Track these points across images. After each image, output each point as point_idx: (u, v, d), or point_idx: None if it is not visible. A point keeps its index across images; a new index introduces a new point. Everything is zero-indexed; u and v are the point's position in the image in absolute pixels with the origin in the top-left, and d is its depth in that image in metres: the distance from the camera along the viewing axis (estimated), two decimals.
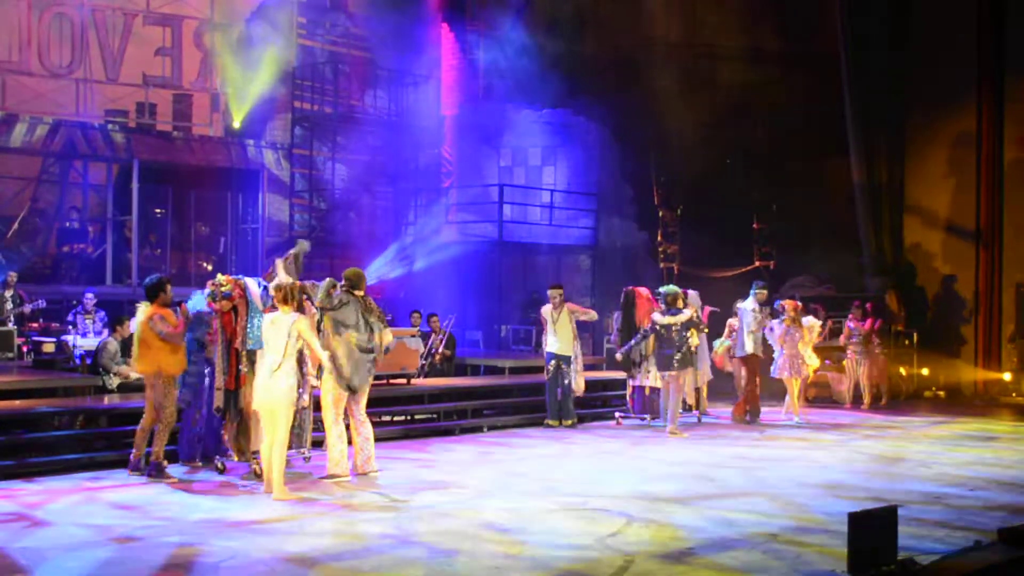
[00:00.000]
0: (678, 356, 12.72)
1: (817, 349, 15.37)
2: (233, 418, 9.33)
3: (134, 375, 11.24)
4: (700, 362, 13.60)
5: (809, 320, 14.64)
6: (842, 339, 16.11)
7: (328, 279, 9.50)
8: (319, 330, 9.83)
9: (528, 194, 21.03)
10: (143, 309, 9.13)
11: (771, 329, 14.00)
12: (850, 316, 16.18)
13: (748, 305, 13.85)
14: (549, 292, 13.41)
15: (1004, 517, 7.79)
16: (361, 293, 9.48)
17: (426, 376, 14.28)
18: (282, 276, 9.00)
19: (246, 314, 9.33)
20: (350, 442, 9.48)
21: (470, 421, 13.04)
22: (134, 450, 9.12)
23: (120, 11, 18.46)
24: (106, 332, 13.92)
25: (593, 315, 13.63)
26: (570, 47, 20.66)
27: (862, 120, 18.86)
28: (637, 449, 11.54)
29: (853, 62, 18.82)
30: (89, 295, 14.27)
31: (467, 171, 21.97)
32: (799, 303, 14.57)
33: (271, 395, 8.39)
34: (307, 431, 10.14)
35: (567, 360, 13.05)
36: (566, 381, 13.04)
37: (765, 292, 14.06)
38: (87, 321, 13.92)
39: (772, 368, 14.19)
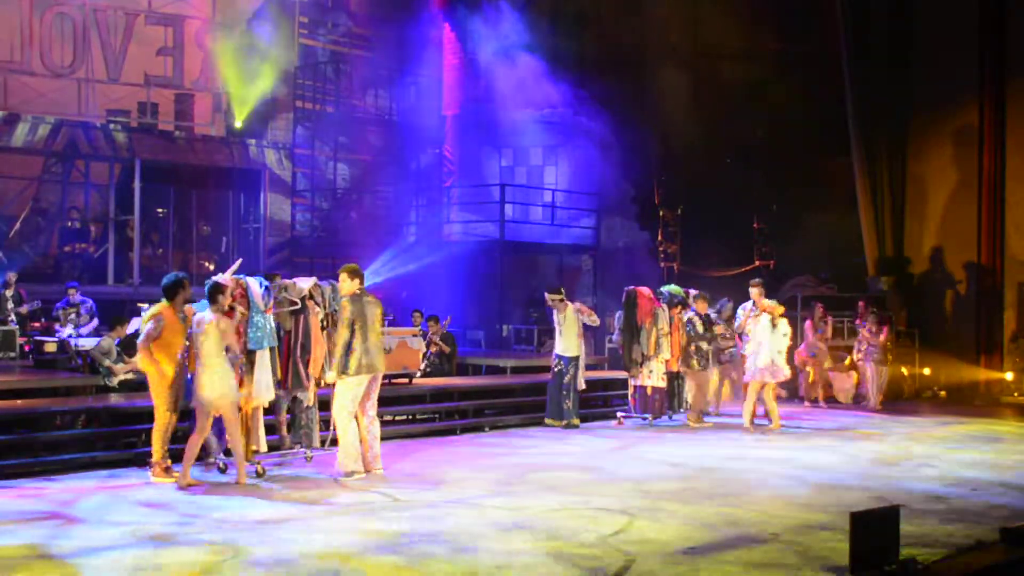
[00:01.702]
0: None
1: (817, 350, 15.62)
2: None
3: (130, 374, 11.27)
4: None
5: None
6: (862, 344, 15.93)
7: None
8: (322, 328, 9.86)
9: (529, 194, 21.05)
10: (154, 307, 9.14)
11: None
12: (862, 321, 16.05)
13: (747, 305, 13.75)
14: (546, 296, 13.45)
15: (1006, 517, 7.79)
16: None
17: (427, 376, 14.28)
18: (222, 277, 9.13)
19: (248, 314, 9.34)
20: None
21: (471, 421, 13.04)
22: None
23: (122, 11, 18.48)
24: (93, 322, 13.91)
25: (595, 320, 13.59)
26: (571, 47, 20.68)
27: (863, 119, 18.85)
28: (639, 448, 11.55)
29: (854, 61, 18.81)
30: (72, 289, 14.19)
31: (468, 170, 22.00)
32: (770, 304, 13.29)
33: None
34: (314, 431, 10.16)
35: (567, 360, 13.05)
36: (565, 380, 13.04)
37: (753, 289, 13.41)
38: (71, 314, 13.84)
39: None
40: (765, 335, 12.98)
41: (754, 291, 13.38)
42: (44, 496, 8.28)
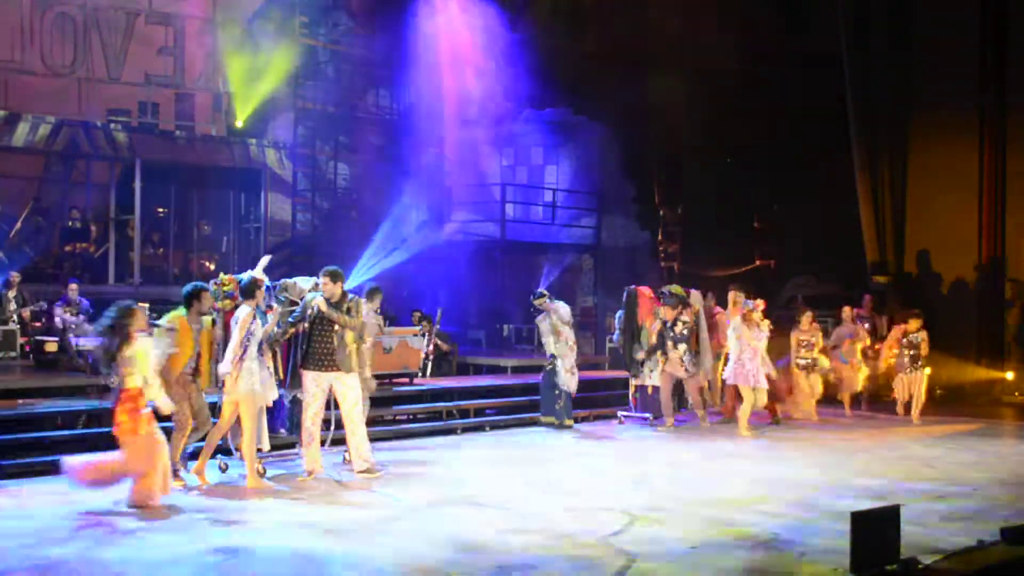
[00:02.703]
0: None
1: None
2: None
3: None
4: (706, 362, 13.71)
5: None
6: (893, 350, 14.60)
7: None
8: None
9: (530, 193, 21.06)
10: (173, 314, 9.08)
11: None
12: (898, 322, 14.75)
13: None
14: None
15: (1007, 516, 7.80)
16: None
17: (427, 375, 14.28)
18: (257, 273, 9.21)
19: None
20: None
21: (472, 420, 13.04)
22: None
23: (122, 10, 18.46)
24: (82, 318, 13.87)
25: (566, 315, 13.44)
26: (572, 45, 20.67)
27: (864, 119, 18.83)
28: (639, 448, 11.55)
29: (855, 61, 18.79)
30: (73, 285, 14.15)
31: (469, 170, 22.00)
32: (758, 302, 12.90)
33: None
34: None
35: (553, 358, 13.01)
36: (554, 379, 13.03)
37: (731, 293, 13.31)
38: (67, 314, 13.78)
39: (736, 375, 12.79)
40: (731, 339, 12.84)
41: (731, 294, 13.25)
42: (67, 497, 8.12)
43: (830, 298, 17.48)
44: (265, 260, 9.74)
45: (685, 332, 13.11)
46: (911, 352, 14.30)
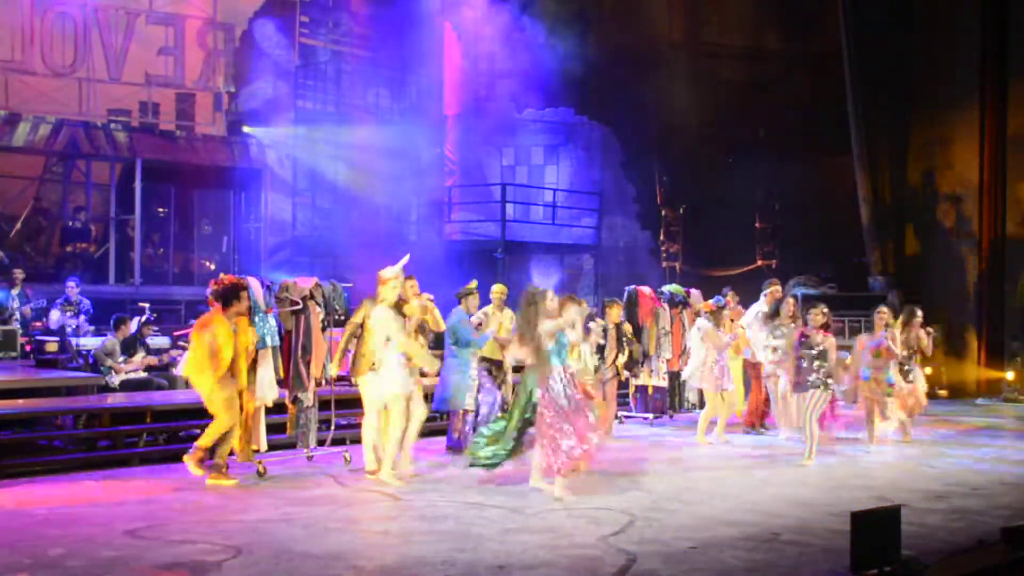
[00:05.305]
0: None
1: None
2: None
3: (132, 373, 11.28)
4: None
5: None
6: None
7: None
8: (323, 328, 9.89)
9: (530, 193, 21.06)
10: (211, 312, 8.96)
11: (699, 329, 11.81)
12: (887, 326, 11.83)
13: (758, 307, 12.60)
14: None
15: (1007, 517, 7.78)
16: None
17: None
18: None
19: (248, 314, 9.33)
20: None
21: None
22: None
23: (123, 10, 18.43)
24: (83, 318, 13.86)
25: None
26: (573, 46, 20.71)
27: (865, 119, 18.84)
28: (639, 448, 11.54)
29: (856, 61, 18.80)
30: (71, 284, 14.10)
31: (469, 170, 22.01)
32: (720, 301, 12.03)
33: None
34: (312, 431, 10.17)
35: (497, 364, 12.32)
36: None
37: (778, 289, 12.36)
38: (67, 313, 13.76)
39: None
40: (695, 340, 11.97)
41: (774, 287, 12.34)
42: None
43: (830, 299, 17.45)
44: (405, 258, 9.86)
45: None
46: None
